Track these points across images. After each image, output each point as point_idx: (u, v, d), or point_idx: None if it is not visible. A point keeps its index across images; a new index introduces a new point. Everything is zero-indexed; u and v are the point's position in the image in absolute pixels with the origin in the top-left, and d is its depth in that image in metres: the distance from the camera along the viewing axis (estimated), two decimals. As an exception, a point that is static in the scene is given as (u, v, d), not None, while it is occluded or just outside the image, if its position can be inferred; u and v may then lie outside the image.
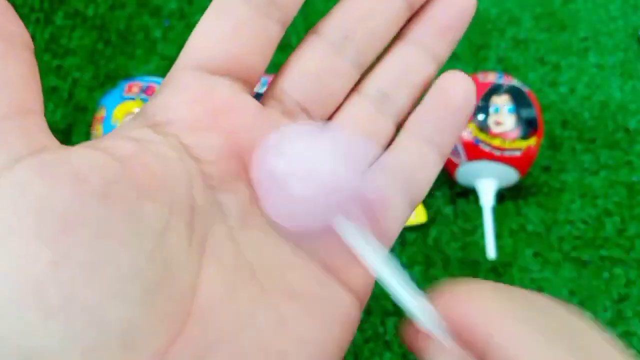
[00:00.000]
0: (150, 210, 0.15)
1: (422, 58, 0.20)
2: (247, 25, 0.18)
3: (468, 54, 0.52)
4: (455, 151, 0.43)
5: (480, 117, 0.42)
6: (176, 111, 0.17)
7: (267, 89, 0.19)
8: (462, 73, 0.20)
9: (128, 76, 0.49)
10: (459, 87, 0.20)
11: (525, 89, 0.43)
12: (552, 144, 0.48)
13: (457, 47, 0.57)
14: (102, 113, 0.41)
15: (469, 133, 0.42)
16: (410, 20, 0.20)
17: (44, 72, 0.49)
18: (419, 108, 0.20)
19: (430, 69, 0.21)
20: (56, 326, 0.13)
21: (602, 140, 0.49)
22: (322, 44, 0.19)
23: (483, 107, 0.42)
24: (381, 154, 0.20)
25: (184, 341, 0.14)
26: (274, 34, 0.18)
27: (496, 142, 0.42)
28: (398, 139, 0.20)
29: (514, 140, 0.42)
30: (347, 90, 0.20)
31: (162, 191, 0.15)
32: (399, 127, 0.21)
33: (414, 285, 0.17)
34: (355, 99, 0.20)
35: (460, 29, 0.20)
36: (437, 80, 0.20)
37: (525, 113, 0.42)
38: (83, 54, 0.50)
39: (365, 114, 0.20)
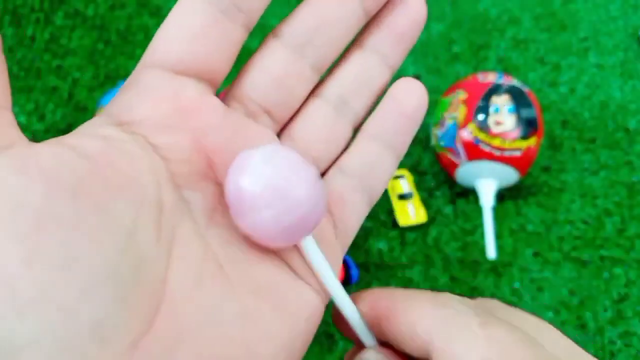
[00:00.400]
0: (120, 207, 0.15)
1: (378, 65, 0.21)
2: (213, 27, 0.18)
3: (468, 54, 0.52)
4: (455, 151, 0.43)
5: (480, 117, 0.42)
6: (142, 111, 0.17)
7: (229, 91, 0.20)
8: (415, 80, 0.21)
9: (128, 76, 0.49)
10: (412, 94, 0.21)
11: (525, 89, 0.43)
12: (552, 144, 0.48)
13: (457, 47, 0.57)
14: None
15: (469, 133, 0.42)
16: (366, 27, 0.21)
17: (44, 72, 0.49)
18: (375, 113, 0.21)
19: (385, 75, 0.21)
20: (30, 321, 0.13)
21: (602, 140, 0.49)
22: (282, 47, 0.20)
23: (483, 107, 0.42)
24: (340, 156, 0.21)
25: (154, 334, 0.15)
26: (238, 36, 0.19)
27: (496, 142, 0.42)
28: (356, 142, 0.21)
29: (514, 140, 0.42)
30: (306, 94, 0.21)
31: (131, 188, 0.15)
32: (355, 130, 0.22)
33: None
34: (315, 102, 0.21)
35: (413, 37, 0.21)
36: (391, 88, 0.21)
37: (525, 113, 0.42)
38: (83, 54, 0.50)
39: (326, 119, 0.21)
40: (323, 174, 0.21)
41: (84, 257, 0.14)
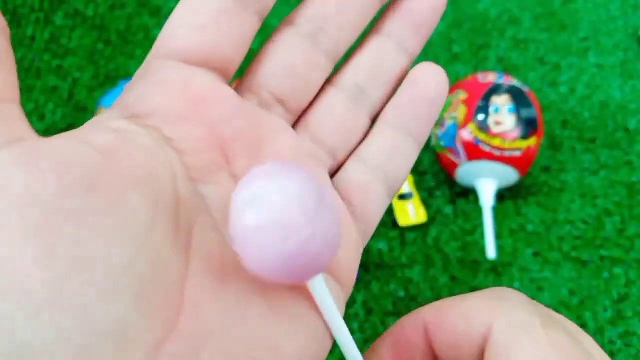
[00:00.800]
0: (137, 202, 0.14)
1: (396, 52, 0.20)
2: (225, 15, 0.18)
3: (468, 54, 0.52)
4: (455, 151, 0.43)
5: (480, 117, 0.42)
6: (154, 102, 0.17)
7: (242, 81, 0.19)
8: (434, 65, 0.20)
9: (128, 76, 0.49)
10: (432, 78, 0.20)
11: (525, 89, 0.43)
12: (552, 144, 0.48)
13: (457, 47, 0.57)
14: (102, 113, 0.41)
15: (469, 133, 0.42)
16: (383, 13, 0.20)
17: (44, 72, 0.49)
18: (394, 99, 0.21)
19: (403, 62, 0.21)
20: (45, 324, 0.12)
21: (602, 140, 0.49)
22: (296, 35, 0.19)
23: (483, 107, 0.42)
24: (359, 146, 0.20)
25: (178, 334, 0.14)
26: (251, 25, 0.18)
27: (496, 142, 0.42)
28: (374, 130, 0.20)
29: (514, 140, 0.42)
30: (322, 82, 0.20)
31: (147, 183, 0.15)
32: (374, 119, 0.21)
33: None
34: (331, 91, 0.20)
35: (432, 24, 0.20)
36: (410, 72, 0.21)
37: (525, 113, 0.42)
38: (83, 54, 0.50)
39: (342, 108, 0.20)
40: (341, 165, 0.20)
41: (101, 255, 0.13)
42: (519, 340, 0.16)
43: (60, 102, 0.48)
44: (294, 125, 0.20)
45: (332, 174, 0.20)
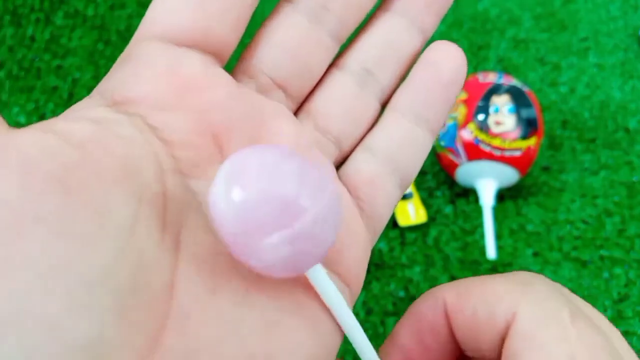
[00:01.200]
0: (116, 201, 0.13)
1: (408, 31, 0.18)
2: None
3: (468, 54, 0.52)
4: (455, 151, 0.43)
5: (480, 117, 0.42)
6: (139, 88, 0.15)
7: (238, 63, 0.18)
8: (451, 44, 0.18)
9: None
10: (449, 58, 0.18)
11: (525, 89, 0.43)
12: (552, 144, 0.48)
13: (457, 47, 0.56)
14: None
15: (469, 133, 0.42)
16: None
17: (44, 72, 0.49)
18: (405, 83, 0.19)
19: (416, 41, 0.19)
20: (10, 343, 0.11)
21: (602, 140, 0.49)
22: (297, 14, 0.17)
23: (483, 107, 0.42)
24: (367, 134, 0.19)
25: (162, 351, 0.12)
26: (248, 2, 0.16)
27: (496, 142, 0.42)
28: (384, 117, 0.19)
29: (514, 140, 0.42)
30: (325, 65, 0.18)
31: (129, 179, 0.13)
32: (383, 104, 0.19)
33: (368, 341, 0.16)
34: (336, 75, 0.18)
35: (446, 2, 0.18)
36: (424, 52, 0.19)
37: (525, 113, 0.42)
38: (83, 54, 0.50)
39: (348, 92, 0.18)
40: (348, 156, 0.19)
41: (73, 262, 0.11)
42: (544, 333, 0.14)
43: (60, 102, 0.48)
44: (296, 112, 0.18)
45: (338, 165, 0.19)
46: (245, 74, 0.17)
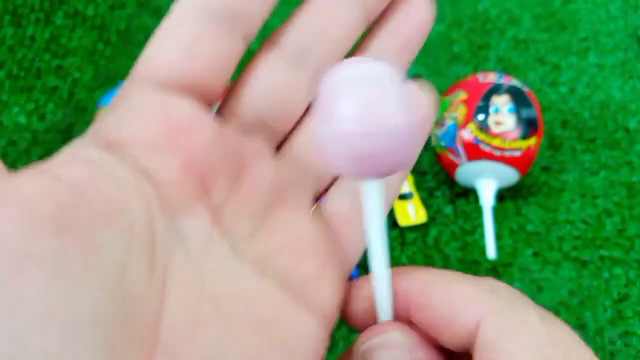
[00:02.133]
0: (108, 242, 0.13)
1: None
2: (207, 39, 0.17)
3: (468, 54, 0.52)
4: (455, 151, 0.43)
5: (480, 117, 0.42)
6: (130, 130, 0.16)
7: (224, 103, 0.19)
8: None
9: (128, 76, 0.49)
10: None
11: (525, 89, 0.43)
12: (552, 144, 0.48)
13: (457, 47, 0.56)
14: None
15: (469, 133, 0.42)
16: (369, 32, 0.20)
17: (44, 72, 0.49)
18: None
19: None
20: None
21: (602, 140, 0.49)
22: (279, 58, 0.19)
23: (483, 107, 0.42)
24: None
25: None
26: (235, 49, 0.17)
27: (496, 142, 0.42)
28: None
29: (514, 140, 0.42)
30: (305, 106, 0.19)
31: (120, 219, 0.14)
32: None
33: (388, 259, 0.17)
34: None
35: (419, 43, 0.20)
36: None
37: (525, 113, 0.42)
38: (83, 54, 0.50)
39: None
40: (328, 188, 0.20)
41: (68, 302, 0.12)
42: (511, 343, 0.15)
43: (60, 102, 0.48)
44: (279, 147, 0.19)
45: (319, 198, 0.20)
46: (231, 112, 0.18)
